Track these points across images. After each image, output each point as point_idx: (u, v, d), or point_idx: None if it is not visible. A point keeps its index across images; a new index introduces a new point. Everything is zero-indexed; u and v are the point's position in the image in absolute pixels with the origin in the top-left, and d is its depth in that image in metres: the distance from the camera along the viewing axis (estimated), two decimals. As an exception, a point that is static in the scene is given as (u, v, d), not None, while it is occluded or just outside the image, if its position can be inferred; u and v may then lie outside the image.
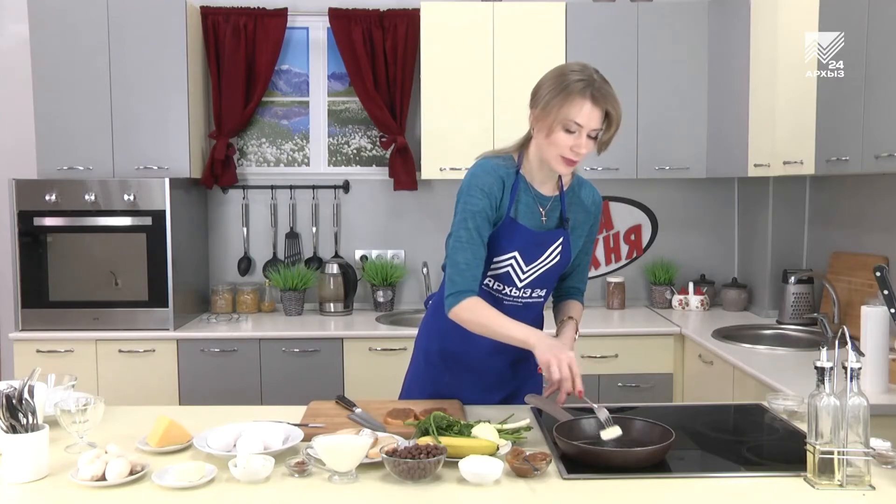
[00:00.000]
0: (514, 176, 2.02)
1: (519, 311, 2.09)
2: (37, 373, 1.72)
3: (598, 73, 1.94)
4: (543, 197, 2.06)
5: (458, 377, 2.18)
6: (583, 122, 1.89)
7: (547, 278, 2.10)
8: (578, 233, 2.12)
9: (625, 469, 1.65)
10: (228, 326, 3.76)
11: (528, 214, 2.03)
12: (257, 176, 4.21)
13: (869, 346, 2.31)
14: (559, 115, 1.88)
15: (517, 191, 2.02)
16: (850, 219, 3.42)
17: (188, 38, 3.76)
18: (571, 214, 2.10)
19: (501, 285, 2.07)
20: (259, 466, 1.60)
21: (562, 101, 1.88)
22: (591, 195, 2.15)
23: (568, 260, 2.10)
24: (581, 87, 1.88)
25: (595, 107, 1.89)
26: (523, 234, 2.02)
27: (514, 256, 2.03)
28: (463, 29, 3.80)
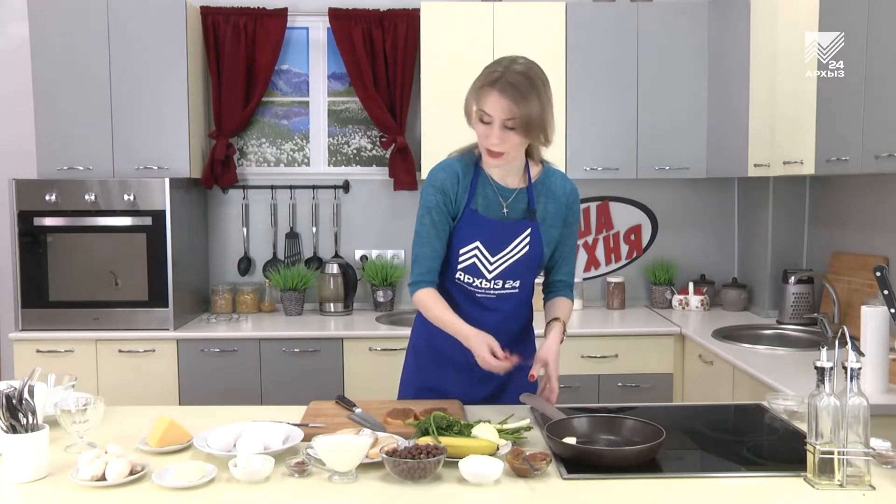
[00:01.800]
0: (472, 169, 2.09)
1: (494, 303, 2.11)
2: (37, 373, 1.72)
3: (517, 65, 1.95)
4: (506, 189, 2.10)
5: (444, 373, 2.20)
6: (490, 112, 1.93)
7: (518, 270, 2.10)
8: (551, 223, 2.13)
9: (616, 468, 1.65)
10: (228, 326, 3.76)
11: (488, 206, 2.09)
12: (257, 176, 4.22)
13: (869, 346, 2.31)
14: (474, 107, 1.97)
15: (477, 184, 2.08)
16: (850, 219, 3.42)
17: (188, 38, 3.76)
18: (540, 205, 2.11)
19: (471, 277, 2.10)
20: (259, 466, 1.60)
21: (475, 92, 1.96)
22: (562, 185, 2.15)
23: (539, 251, 2.11)
24: (491, 79, 1.93)
25: (502, 97, 1.91)
26: (484, 224, 2.07)
27: (478, 247, 2.07)
28: (463, 29, 3.80)
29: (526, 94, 1.90)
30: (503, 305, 2.12)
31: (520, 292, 2.14)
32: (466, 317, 2.09)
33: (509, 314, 2.13)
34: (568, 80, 3.85)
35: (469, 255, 2.08)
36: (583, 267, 4.28)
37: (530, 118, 1.92)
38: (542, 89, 1.95)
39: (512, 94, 1.90)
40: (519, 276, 2.11)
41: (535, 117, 1.93)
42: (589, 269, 4.28)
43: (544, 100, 1.95)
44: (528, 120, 1.92)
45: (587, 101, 3.87)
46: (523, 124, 1.92)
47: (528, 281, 2.15)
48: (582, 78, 3.86)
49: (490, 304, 2.11)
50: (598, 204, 4.27)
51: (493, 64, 1.98)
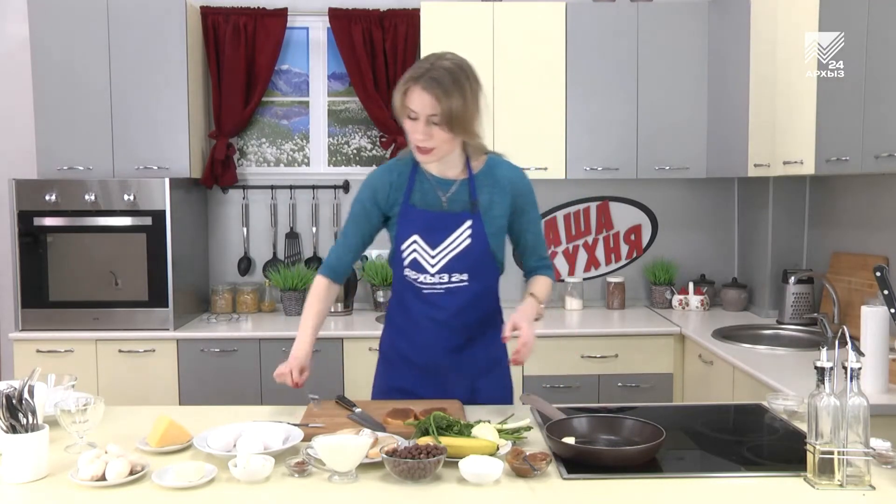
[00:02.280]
0: (410, 166, 2.13)
1: (443, 298, 2.12)
2: (37, 373, 1.72)
3: (443, 61, 1.97)
4: (445, 181, 2.12)
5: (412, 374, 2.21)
6: (415, 108, 1.96)
7: (463, 262, 2.10)
8: (497, 213, 2.12)
9: (616, 468, 1.65)
10: (228, 326, 3.76)
11: (426, 199, 2.12)
12: (257, 176, 4.22)
13: (869, 346, 2.32)
14: (401, 104, 2.00)
15: (415, 180, 2.12)
16: (850, 219, 3.42)
17: (188, 38, 3.76)
18: (484, 196, 2.11)
19: (415, 273, 2.12)
20: (259, 466, 1.60)
21: (400, 90, 1.99)
22: (506, 173, 2.15)
23: (484, 243, 2.10)
24: (414, 76, 1.96)
25: (424, 93, 1.93)
26: (420, 216, 2.10)
27: (416, 240, 2.10)
28: (463, 29, 3.80)
29: (448, 91, 1.93)
30: (454, 300, 2.12)
31: (471, 285, 2.12)
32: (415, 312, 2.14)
33: (463, 307, 2.13)
34: (568, 80, 3.85)
35: (410, 250, 2.11)
36: (583, 267, 4.28)
37: (452, 114, 1.94)
38: (467, 85, 1.97)
39: (434, 91, 1.92)
40: (466, 269, 2.10)
41: (458, 113, 1.95)
42: (589, 269, 4.28)
43: (468, 96, 1.97)
44: (451, 115, 1.94)
45: (587, 101, 3.87)
46: (446, 120, 1.94)
47: (480, 273, 2.13)
48: (582, 78, 3.86)
49: (438, 301, 2.12)
50: (598, 204, 4.27)
51: (421, 61, 2.00)
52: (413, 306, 2.16)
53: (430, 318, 2.14)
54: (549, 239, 4.25)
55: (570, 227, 4.27)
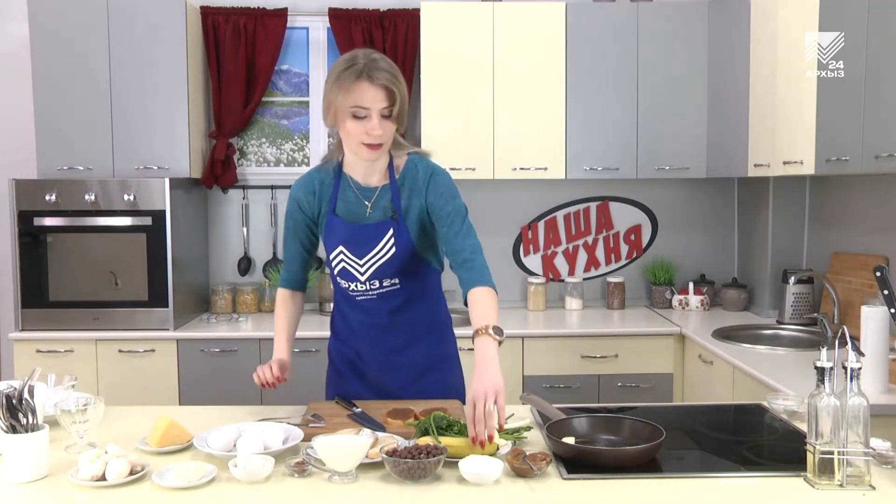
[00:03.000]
0: (333, 175, 2.10)
1: (376, 303, 2.11)
2: (37, 373, 1.72)
3: (370, 54, 1.94)
4: (367, 189, 2.08)
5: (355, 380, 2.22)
6: (366, 104, 1.90)
7: (390, 268, 2.06)
8: (416, 216, 2.06)
9: (616, 468, 1.65)
10: (228, 326, 3.76)
11: (350, 208, 2.09)
12: (257, 176, 4.22)
13: (869, 346, 2.32)
14: (343, 105, 1.90)
15: (338, 188, 2.10)
16: (850, 219, 3.42)
17: (188, 38, 3.76)
18: (404, 200, 2.06)
19: (346, 282, 2.12)
20: (259, 466, 1.60)
21: (339, 91, 1.90)
22: (424, 172, 2.06)
23: (409, 248, 2.05)
24: (353, 73, 1.89)
25: (373, 86, 1.89)
26: (342, 228, 2.08)
27: (342, 251, 2.09)
28: (463, 29, 3.80)
29: (397, 78, 1.92)
30: (386, 303, 2.11)
31: (403, 288, 2.10)
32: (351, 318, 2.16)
33: (397, 309, 2.11)
34: (568, 80, 3.85)
35: (338, 260, 2.10)
36: (583, 267, 4.28)
37: (404, 102, 1.93)
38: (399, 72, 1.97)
39: (386, 81, 1.89)
40: (395, 274, 2.08)
41: (406, 100, 1.94)
42: (589, 269, 4.28)
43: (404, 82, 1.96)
44: (402, 104, 1.92)
45: (587, 101, 3.87)
46: (399, 111, 1.92)
47: (411, 275, 2.10)
48: (582, 78, 3.86)
49: (372, 306, 2.11)
50: (598, 204, 4.27)
51: (348, 60, 1.92)
52: (349, 314, 2.18)
53: (367, 323, 2.14)
54: (548, 239, 4.25)
55: (570, 227, 4.27)
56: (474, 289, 1.95)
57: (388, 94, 1.90)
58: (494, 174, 3.85)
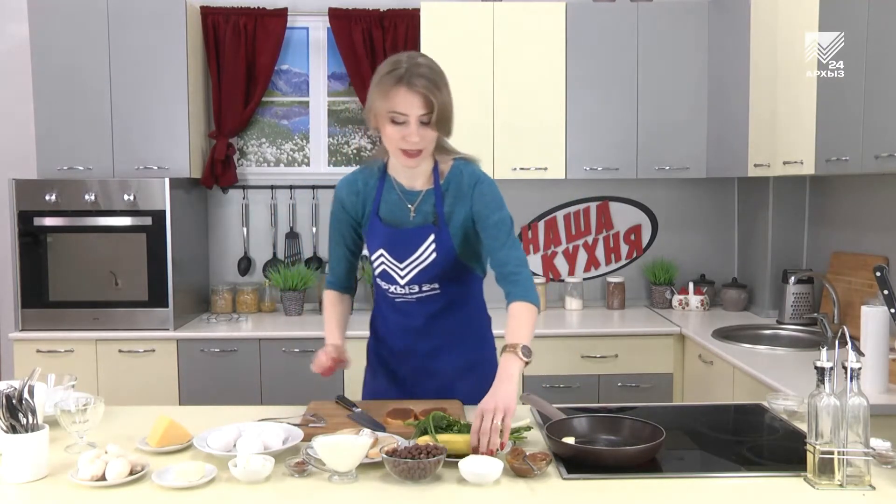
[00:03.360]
0: (377, 177, 2.10)
1: (415, 307, 2.12)
2: (37, 373, 1.72)
3: (414, 58, 1.92)
4: (411, 192, 2.07)
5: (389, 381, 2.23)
6: (404, 111, 1.88)
7: (431, 274, 2.06)
8: (458, 221, 2.05)
9: (616, 468, 1.65)
10: (228, 326, 3.76)
11: (393, 211, 2.08)
12: (257, 176, 4.22)
13: (869, 346, 2.32)
14: (382, 109, 1.91)
15: (382, 190, 2.09)
16: (850, 219, 3.42)
17: (188, 38, 3.76)
18: (447, 206, 2.05)
19: (386, 284, 2.12)
20: (259, 466, 1.60)
21: (381, 95, 1.91)
22: (469, 179, 2.06)
23: (450, 254, 2.05)
24: (393, 78, 1.89)
25: (411, 92, 1.87)
26: (385, 233, 2.08)
27: (382, 254, 2.08)
28: (463, 29, 3.80)
29: (438, 85, 1.89)
30: (426, 308, 2.11)
31: (443, 293, 2.10)
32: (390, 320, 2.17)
33: (435, 314, 2.12)
34: (568, 80, 3.85)
35: (379, 262, 2.10)
36: (583, 267, 4.28)
37: (444, 109, 1.90)
38: (446, 79, 1.95)
39: (424, 88, 1.87)
40: (436, 279, 2.07)
41: (447, 108, 1.91)
42: (589, 269, 4.28)
43: (447, 89, 1.93)
44: (443, 111, 1.89)
45: (587, 101, 3.87)
46: (438, 117, 1.89)
47: (451, 281, 2.09)
48: (582, 78, 3.86)
49: (411, 309, 2.12)
50: (598, 204, 4.27)
51: (392, 63, 1.92)
52: (388, 315, 2.18)
53: (404, 325, 2.15)
54: (548, 239, 4.25)
55: (570, 227, 4.27)
56: (516, 303, 1.96)
57: (427, 102, 1.87)
58: (494, 174, 3.85)
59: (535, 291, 1.99)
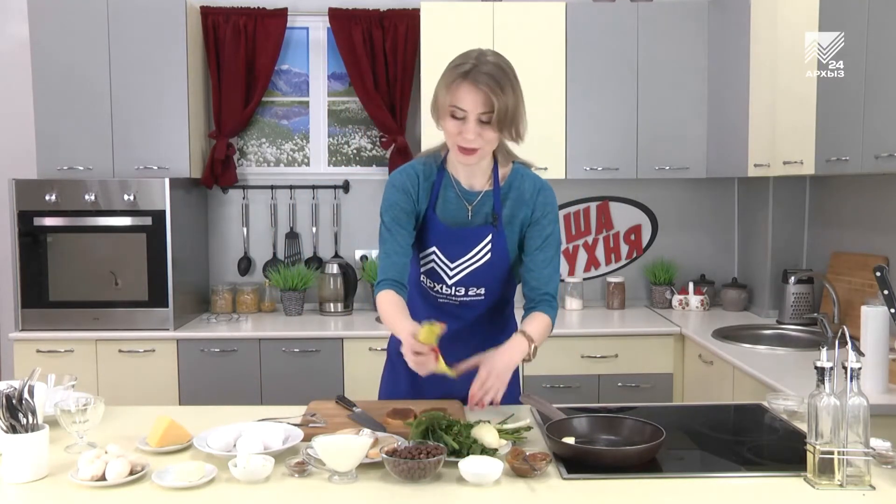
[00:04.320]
0: (435, 171, 2.05)
1: (457, 310, 2.08)
2: (37, 373, 1.72)
3: (488, 56, 1.90)
4: (470, 192, 2.04)
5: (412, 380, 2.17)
6: (465, 107, 1.86)
7: (481, 277, 2.04)
8: (518, 228, 2.05)
9: (616, 468, 1.65)
10: (228, 326, 3.76)
11: (450, 209, 2.04)
12: (257, 176, 4.22)
13: (869, 346, 2.32)
14: (444, 103, 1.89)
15: (440, 186, 2.04)
16: (850, 219, 3.42)
17: (188, 38, 3.76)
18: (507, 209, 2.03)
19: (432, 282, 2.08)
20: (259, 466, 1.60)
21: (444, 88, 1.89)
22: (532, 185, 2.06)
23: (504, 257, 2.04)
24: (460, 72, 1.87)
25: (474, 89, 1.85)
26: (440, 229, 2.03)
27: (434, 251, 2.04)
28: (463, 29, 3.80)
29: (502, 86, 1.85)
30: (466, 313, 2.09)
31: (486, 300, 2.08)
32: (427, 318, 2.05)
33: (474, 322, 2.09)
34: (568, 80, 3.85)
35: (428, 259, 2.05)
36: (583, 267, 4.28)
37: (506, 110, 1.86)
38: (515, 82, 1.90)
39: (486, 86, 1.83)
40: (483, 284, 2.05)
41: (511, 110, 1.87)
42: (589, 269, 4.28)
43: (518, 92, 1.90)
44: (504, 112, 1.85)
45: (587, 101, 3.87)
46: (499, 117, 1.85)
47: (495, 288, 2.08)
48: (582, 78, 3.86)
49: (452, 311, 2.08)
50: (598, 204, 4.27)
51: (462, 57, 1.91)
52: (426, 313, 2.09)
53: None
54: (549, 239, 4.25)
55: (570, 227, 4.27)
56: (543, 315, 2.04)
57: (488, 101, 1.84)
58: (494, 174, 3.85)
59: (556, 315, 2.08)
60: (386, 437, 1.79)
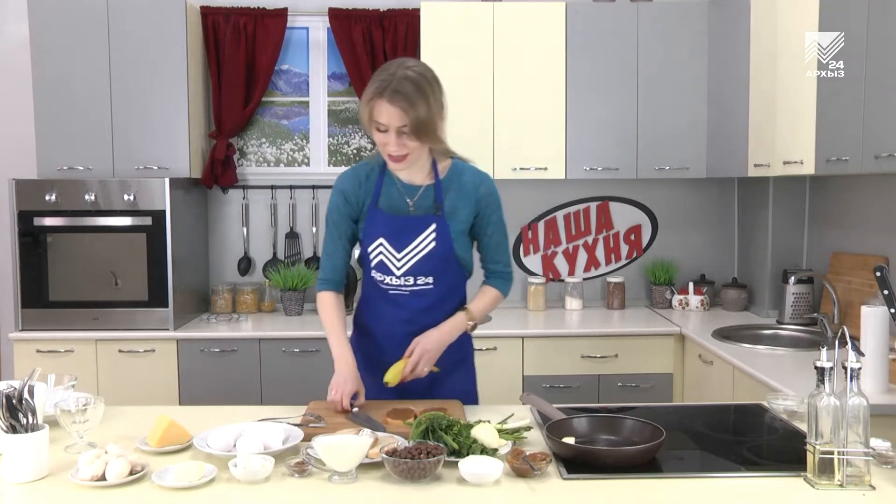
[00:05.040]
0: (377, 171, 2.17)
1: (408, 299, 2.17)
2: (37, 373, 1.72)
3: (403, 70, 1.99)
4: (411, 186, 2.16)
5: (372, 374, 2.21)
6: (383, 121, 1.98)
7: (428, 265, 2.14)
8: (461, 218, 2.15)
9: (616, 468, 1.65)
10: (228, 326, 3.76)
11: (393, 204, 2.15)
12: (257, 176, 4.22)
13: (869, 346, 2.32)
14: (368, 117, 2.01)
15: (382, 184, 2.16)
16: (850, 219, 3.42)
17: (188, 38, 3.76)
18: (448, 200, 2.15)
19: (382, 275, 2.17)
20: (259, 466, 1.60)
21: (366, 104, 2.01)
22: (473, 179, 2.19)
23: (449, 245, 2.13)
24: (378, 89, 1.97)
25: (390, 105, 1.95)
26: (386, 220, 2.14)
27: (382, 243, 2.14)
28: (463, 29, 3.80)
29: (413, 101, 1.95)
30: (417, 301, 2.17)
31: (436, 288, 2.17)
32: (381, 312, 2.19)
33: (426, 309, 2.17)
34: (568, 80, 3.85)
35: (376, 252, 2.15)
36: (583, 267, 4.28)
37: (420, 122, 1.97)
38: (430, 92, 2.00)
39: (400, 103, 1.94)
40: (431, 272, 2.15)
41: (424, 121, 1.97)
42: (589, 269, 4.28)
43: (432, 102, 2.00)
44: (418, 124, 1.97)
45: (587, 101, 3.86)
46: (414, 129, 1.97)
47: (444, 276, 2.17)
48: (582, 78, 3.86)
49: (403, 301, 2.17)
50: (598, 204, 4.27)
51: (381, 72, 2.01)
52: (380, 307, 2.21)
53: (397, 318, 2.18)
54: (548, 239, 4.26)
55: (570, 227, 4.27)
56: (492, 288, 2.25)
57: (403, 115, 1.96)
58: (494, 174, 3.85)
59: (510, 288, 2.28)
60: (386, 437, 1.79)
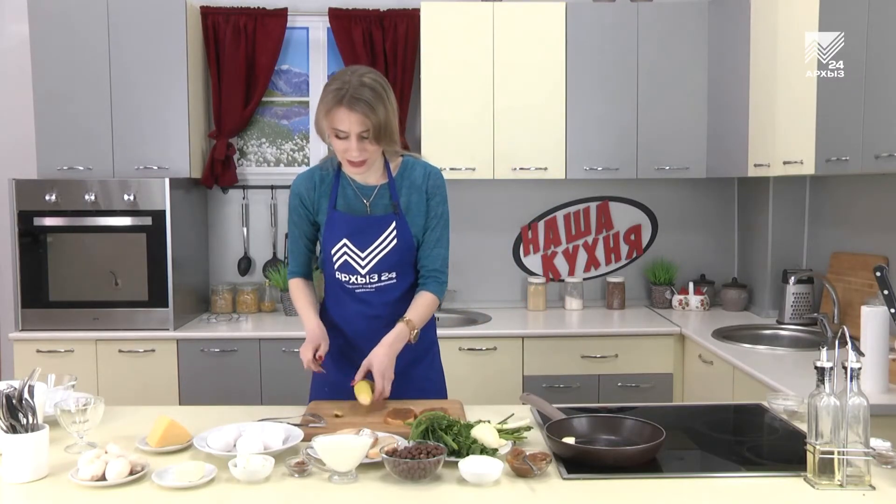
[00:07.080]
0: (332, 174, 2.21)
1: (373, 296, 2.21)
2: (37, 373, 1.72)
3: (358, 78, 2.02)
4: (366, 187, 2.19)
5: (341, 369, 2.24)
6: (344, 129, 2.02)
7: (391, 262, 2.18)
8: (416, 212, 2.20)
9: (616, 468, 1.65)
10: (228, 326, 3.76)
11: (350, 205, 2.19)
12: (257, 176, 4.22)
13: (869, 346, 2.32)
14: (326, 125, 2.05)
15: (338, 186, 2.20)
16: (850, 219, 3.42)
17: (188, 38, 3.76)
18: (403, 197, 2.19)
19: (346, 275, 2.20)
20: (259, 466, 1.60)
21: (324, 113, 2.05)
22: (422, 172, 2.22)
23: (409, 241, 2.19)
24: (336, 97, 2.01)
25: (350, 113, 1.99)
26: (347, 221, 2.18)
27: (345, 244, 2.18)
28: (463, 29, 3.80)
29: (373, 106, 1.99)
30: (384, 297, 2.21)
31: (399, 283, 2.21)
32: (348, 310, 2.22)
33: (393, 303, 2.21)
34: (568, 80, 3.85)
35: (340, 254, 2.19)
36: (583, 267, 4.28)
37: (380, 126, 2.01)
38: (386, 96, 2.04)
39: (361, 109, 1.98)
40: (394, 268, 2.19)
41: (384, 124, 2.02)
42: (589, 269, 4.28)
43: (388, 106, 2.04)
44: (379, 128, 2.01)
45: (587, 101, 3.87)
46: (375, 134, 2.01)
47: (405, 271, 2.22)
48: (582, 78, 3.86)
49: (369, 298, 2.21)
50: (598, 204, 4.27)
51: (336, 80, 2.04)
52: (346, 304, 2.24)
53: (363, 314, 2.22)
54: (548, 239, 4.26)
55: (570, 227, 4.27)
56: (429, 293, 2.22)
57: (364, 121, 1.99)
58: (494, 174, 3.85)
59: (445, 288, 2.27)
60: (386, 437, 1.79)
